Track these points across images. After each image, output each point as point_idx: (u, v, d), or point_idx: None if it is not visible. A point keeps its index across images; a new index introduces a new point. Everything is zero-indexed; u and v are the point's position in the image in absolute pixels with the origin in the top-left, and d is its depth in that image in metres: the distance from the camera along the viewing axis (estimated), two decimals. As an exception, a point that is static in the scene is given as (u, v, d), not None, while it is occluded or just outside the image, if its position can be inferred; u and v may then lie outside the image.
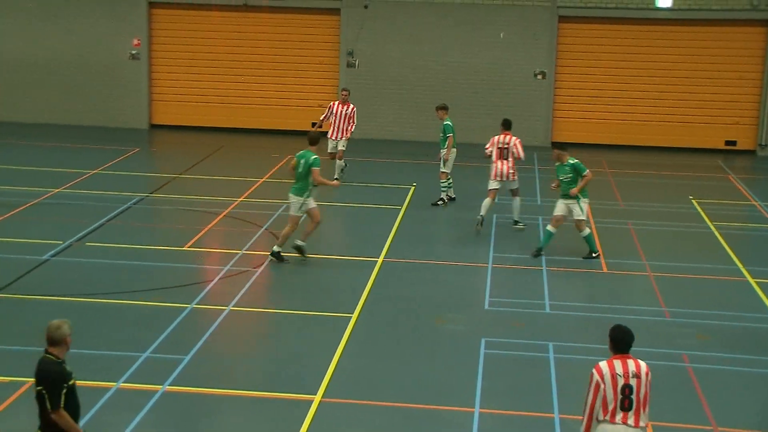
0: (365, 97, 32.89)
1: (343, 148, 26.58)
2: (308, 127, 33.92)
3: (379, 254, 20.40)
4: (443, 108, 24.82)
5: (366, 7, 33.51)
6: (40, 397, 9.74)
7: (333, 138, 26.62)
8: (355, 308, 17.23)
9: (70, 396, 9.78)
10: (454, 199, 24.67)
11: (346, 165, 26.92)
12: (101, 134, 33.16)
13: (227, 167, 28.77)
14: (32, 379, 13.82)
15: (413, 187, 26.22)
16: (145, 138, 33.66)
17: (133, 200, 24.33)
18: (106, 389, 13.68)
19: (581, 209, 20.15)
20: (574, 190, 19.92)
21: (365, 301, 17.67)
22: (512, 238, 21.90)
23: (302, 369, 14.65)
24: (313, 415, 13.18)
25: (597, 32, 33.55)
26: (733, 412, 13.75)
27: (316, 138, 20.16)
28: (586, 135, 33.47)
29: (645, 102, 33.60)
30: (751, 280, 19.52)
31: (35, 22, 34.48)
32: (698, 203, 25.74)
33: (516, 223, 22.62)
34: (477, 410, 13.47)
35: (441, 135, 24.55)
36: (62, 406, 9.64)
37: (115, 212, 23.07)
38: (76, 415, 9.87)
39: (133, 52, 34.56)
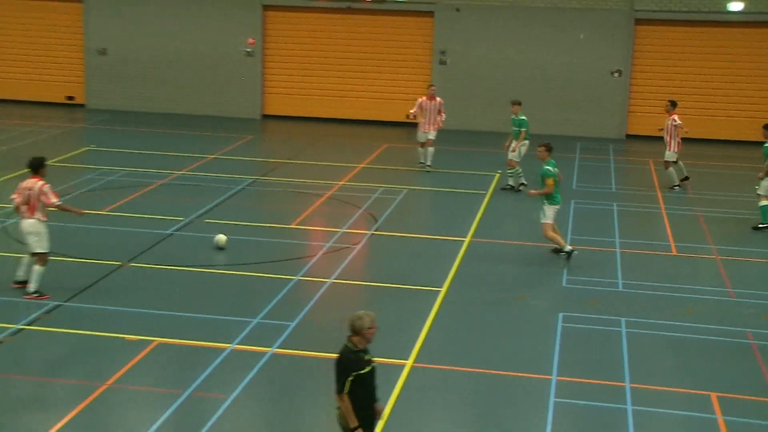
0: (454, 91, 32.77)
1: (433, 138, 26.51)
2: (402, 119, 34.17)
3: (467, 234, 20.36)
4: (518, 103, 24.67)
5: (458, 10, 33.40)
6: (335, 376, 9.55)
7: (424, 130, 26.52)
8: (444, 283, 17.23)
9: (360, 383, 9.44)
10: (525, 185, 24.33)
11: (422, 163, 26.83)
12: (219, 123, 33.53)
13: (330, 154, 28.91)
14: (159, 339, 14.10)
15: (498, 175, 26.08)
16: (258, 127, 33.95)
17: (247, 182, 24.57)
18: (222, 350, 13.86)
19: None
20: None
21: (453, 276, 17.65)
22: (589, 222, 21.67)
23: (396, 337, 14.67)
24: (405, 378, 13.23)
25: (671, 34, 32.99)
26: (793, 385, 13.52)
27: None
28: (656, 128, 32.80)
29: (715, 98, 33.01)
30: (812, 265, 19.13)
31: (165, 25, 34.95)
32: (763, 193, 25.18)
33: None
34: (554, 378, 13.40)
35: (515, 128, 24.40)
36: (347, 391, 9.37)
37: (230, 193, 23.34)
38: (366, 400, 9.58)
39: (248, 49, 34.87)
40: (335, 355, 9.52)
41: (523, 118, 24.34)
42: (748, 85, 32.84)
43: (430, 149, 26.47)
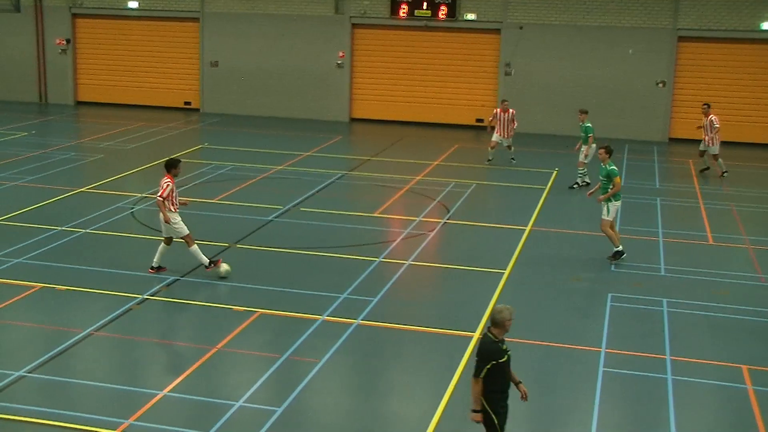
0: (517, 99, 32.47)
1: (509, 144, 26.70)
2: (473, 122, 34.07)
3: (528, 223, 20.20)
4: (585, 112, 24.25)
5: (521, 28, 33.10)
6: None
7: (501, 135, 26.60)
8: (507, 265, 17.13)
9: (497, 370, 9.18)
10: (588, 183, 24.13)
11: (512, 159, 26.99)
12: (313, 125, 33.70)
13: (408, 152, 28.88)
14: (261, 310, 14.25)
15: (556, 172, 25.82)
16: (346, 129, 34.04)
17: (336, 176, 24.67)
18: (314, 320, 13.95)
19: None
20: None
21: (516, 260, 17.53)
22: (635, 215, 21.34)
23: (464, 312, 14.65)
24: (473, 347, 13.19)
25: (710, 50, 32.24)
26: (816, 361, 13.19)
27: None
28: (696, 132, 32.29)
29: (749, 106, 32.25)
30: (835, 255, 18.63)
31: (268, 41, 35.22)
32: (791, 190, 24.63)
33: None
34: (603, 350, 13.26)
35: (583, 134, 23.98)
36: (482, 377, 9.12)
37: (322, 185, 23.45)
38: (502, 384, 9.32)
39: (339, 62, 34.97)
40: (415, 328, 9.49)
41: (589, 125, 23.90)
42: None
43: (510, 151, 26.88)
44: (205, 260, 15.80)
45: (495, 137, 26.60)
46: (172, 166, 15.86)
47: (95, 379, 11.84)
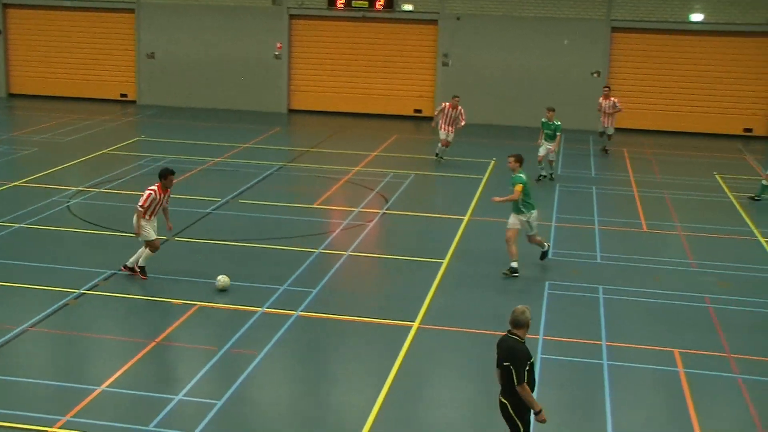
0: (455, 89, 32.58)
1: (450, 140, 25.67)
2: (411, 113, 34.15)
3: (466, 213, 20.34)
4: (552, 109, 23.75)
5: (458, 18, 33.26)
6: (507, 370, 9.01)
7: (444, 131, 25.54)
8: (446, 255, 17.23)
9: (530, 372, 9.01)
10: (545, 177, 23.87)
11: (440, 154, 26.23)
12: (251, 117, 33.48)
13: (347, 143, 28.87)
14: (200, 303, 14.12)
15: (493, 162, 26.02)
16: (285, 120, 33.90)
17: (275, 168, 24.56)
18: (254, 313, 13.90)
19: None
20: None
21: (454, 250, 17.64)
22: (572, 203, 21.64)
23: (404, 301, 14.71)
24: (412, 338, 13.26)
25: (643, 40, 32.78)
26: (745, 342, 13.50)
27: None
28: (632, 122, 32.81)
29: (681, 95, 32.87)
30: (762, 240, 19.05)
31: (205, 33, 34.84)
32: (721, 178, 25.14)
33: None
34: (541, 337, 13.42)
35: (550, 131, 23.41)
36: (525, 380, 8.94)
37: (261, 177, 23.33)
38: (531, 385, 9.07)
39: (277, 53, 34.78)
40: (355, 318, 9.48)
41: (559, 123, 23.53)
42: (706, 84, 32.70)
43: (445, 148, 25.91)
44: (136, 263, 15.27)
45: (442, 134, 25.70)
46: (161, 176, 15.14)
47: (31, 376, 11.65)
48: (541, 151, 23.81)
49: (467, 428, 10.92)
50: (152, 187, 15.08)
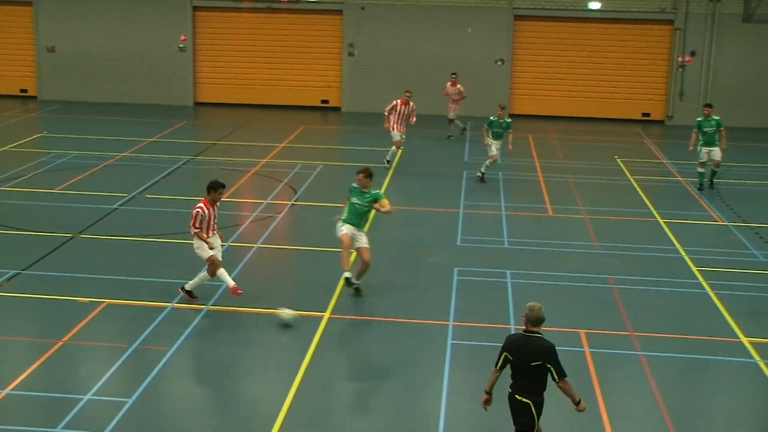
0: (362, 79, 32.88)
1: (403, 141, 24.33)
2: (318, 104, 34.05)
3: (375, 202, 20.33)
4: (504, 107, 23.34)
5: (363, 8, 33.28)
6: (541, 369, 8.97)
7: (398, 131, 24.01)
8: (356, 245, 17.21)
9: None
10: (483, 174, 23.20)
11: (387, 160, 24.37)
12: (156, 111, 32.96)
13: (254, 135, 28.66)
14: (107, 300, 13.85)
15: (400, 151, 26.05)
16: (191, 113, 33.47)
17: (182, 161, 24.25)
18: (163, 308, 13.71)
19: None
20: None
21: (364, 239, 17.66)
22: (479, 189, 21.89)
23: (315, 292, 14.68)
24: (324, 327, 13.26)
25: (545, 28, 33.37)
26: (645, 320, 13.87)
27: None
28: (534, 108, 33.45)
29: (581, 81, 33.56)
30: (661, 221, 19.58)
31: (107, 26, 34.12)
32: (621, 161, 25.75)
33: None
34: (451, 323, 13.55)
35: (500, 129, 22.67)
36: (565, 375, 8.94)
37: (168, 171, 23.01)
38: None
39: (181, 45, 34.27)
40: (266, 310, 9.42)
41: (509, 120, 23.06)
42: (606, 70, 33.46)
43: (398, 150, 24.31)
44: (230, 282, 13.85)
45: (395, 135, 24.04)
46: (211, 188, 13.97)
47: (-68, 381, 11.28)
48: (493, 150, 22.64)
49: (381, 416, 10.96)
50: (199, 205, 13.84)
